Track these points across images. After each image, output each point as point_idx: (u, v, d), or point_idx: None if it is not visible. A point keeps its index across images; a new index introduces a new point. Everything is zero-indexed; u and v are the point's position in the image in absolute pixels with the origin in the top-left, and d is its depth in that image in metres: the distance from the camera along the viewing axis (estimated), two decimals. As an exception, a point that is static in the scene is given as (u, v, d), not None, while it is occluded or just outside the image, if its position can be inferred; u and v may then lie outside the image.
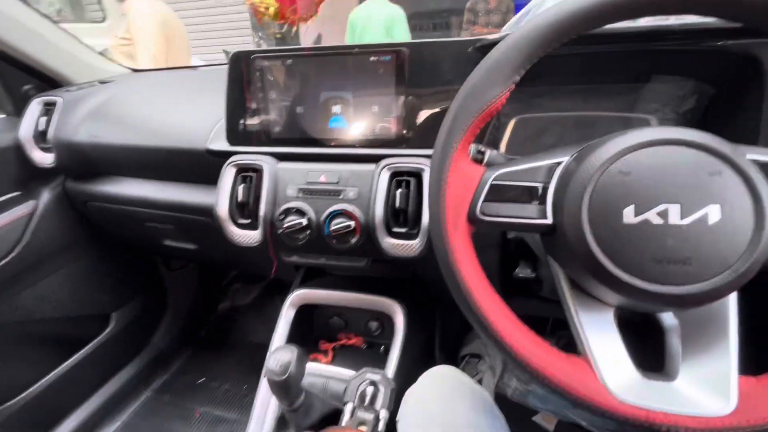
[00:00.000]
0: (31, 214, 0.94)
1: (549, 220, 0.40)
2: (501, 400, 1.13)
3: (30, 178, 0.97)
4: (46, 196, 0.98)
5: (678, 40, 0.57)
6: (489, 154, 0.52)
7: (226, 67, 0.72)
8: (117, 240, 1.16)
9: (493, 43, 0.59)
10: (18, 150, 0.93)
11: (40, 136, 0.92)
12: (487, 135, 0.78)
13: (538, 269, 0.65)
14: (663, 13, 0.38)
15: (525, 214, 0.41)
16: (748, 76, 0.54)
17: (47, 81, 1.01)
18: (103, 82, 1.03)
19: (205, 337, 1.57)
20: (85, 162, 0.90)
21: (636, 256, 0.34)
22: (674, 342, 0.38)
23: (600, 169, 0.36)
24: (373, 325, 0.88)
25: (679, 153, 0.34)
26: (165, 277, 1.41)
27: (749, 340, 0.38)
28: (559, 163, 0.41)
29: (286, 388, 0.55)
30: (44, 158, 0.92)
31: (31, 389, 1.01)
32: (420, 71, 0.64)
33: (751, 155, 0.35)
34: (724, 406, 0.33)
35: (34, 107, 0.93)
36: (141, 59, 2.06)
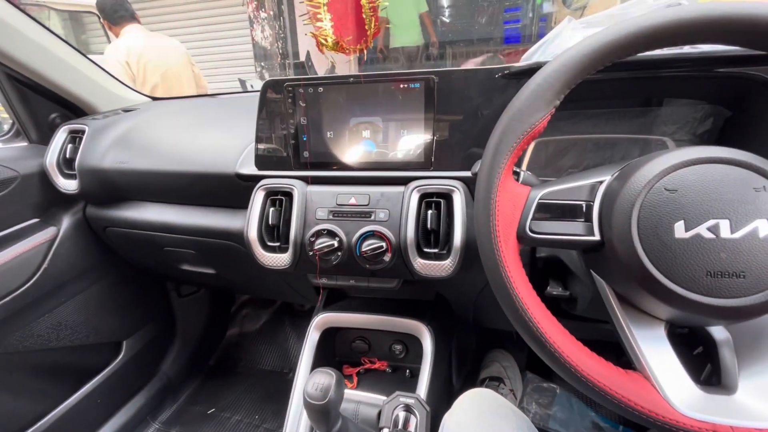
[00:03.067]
0: (53, 240, 0.94)
1: (596, 237, 0.41)
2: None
3: (51, 204, 0.98)
4: (66, 222, 0.98)
5: (690, 66, 0.61)
6: (523, 174, 0.54)
7: (249, 94, 0.75)
8: (131, 265, 1.15)
9: (521, 71, 0.63)
10: (41, 176, 0.94)
11: (65, 163, 0.94)
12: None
13: (569, 287, 0.66)
14: (695, 42, 0.41)
15: (572, 231, 0.42)
16: (766, 99, 0.57)
17: (71, 109, 1.03)
18: (126, 110, 1.06)
19: (214, 365, 1.54)
20: (110, 188, 0.91)
21: (689, 269, 0.35)
22: (727, 355, 0.39)
23: (646, 186, 0.37)
24: (397, 348, 0.87)
25: (723, 170, 0.36)
26: (174, 304, 1.39)
27: None
28: (601, 182, 0.43)
29: (326, 413, 0.54)
30: (68, 185, 0.93)
31: (42, 421, 0.98)
32: (447, 97, 0.66)
33: None
34: (791, 418, 0.33)
35: (61, 135, 0.95)
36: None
